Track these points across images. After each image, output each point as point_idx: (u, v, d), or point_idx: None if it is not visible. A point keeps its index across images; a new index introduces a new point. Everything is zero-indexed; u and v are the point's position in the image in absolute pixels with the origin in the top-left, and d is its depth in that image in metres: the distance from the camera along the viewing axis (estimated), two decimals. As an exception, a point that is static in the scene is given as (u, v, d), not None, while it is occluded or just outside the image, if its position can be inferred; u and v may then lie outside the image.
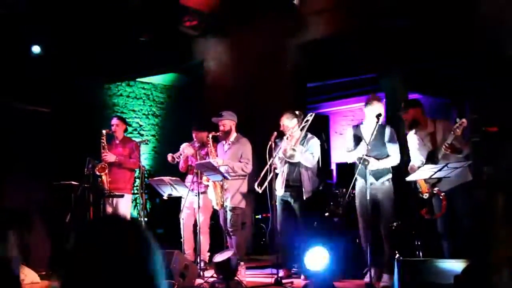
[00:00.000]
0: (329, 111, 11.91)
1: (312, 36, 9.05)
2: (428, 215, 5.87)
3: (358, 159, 5.98)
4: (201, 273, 6.63)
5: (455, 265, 4.47)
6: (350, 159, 6.37)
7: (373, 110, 6.11)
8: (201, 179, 7.16)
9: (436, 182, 5.80)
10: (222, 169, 6.70)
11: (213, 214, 7.57)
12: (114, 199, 7.47)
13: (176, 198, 7.48)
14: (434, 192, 5.81)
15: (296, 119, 6.88)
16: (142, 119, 10.92)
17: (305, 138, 6.87)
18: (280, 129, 6.84)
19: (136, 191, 8.11)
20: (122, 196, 7.42)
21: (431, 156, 5.86)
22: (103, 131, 7.55)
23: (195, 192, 7.04)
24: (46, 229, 7.82)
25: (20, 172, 8.68)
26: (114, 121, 7.75)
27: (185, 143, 7.66)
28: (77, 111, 9.44)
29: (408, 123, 6.03)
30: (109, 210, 7.48)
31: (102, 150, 7.50)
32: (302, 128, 6.85)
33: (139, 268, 1.46)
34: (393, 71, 9.22)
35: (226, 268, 6.03)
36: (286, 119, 6.86)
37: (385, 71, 9.50)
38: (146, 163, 7.42)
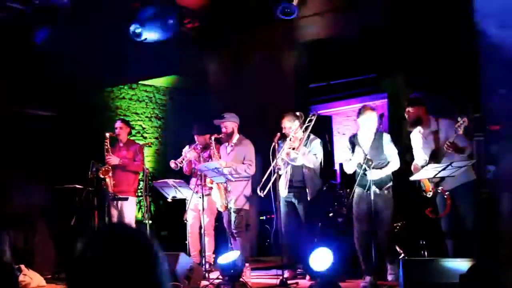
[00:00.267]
0: (332, 112, 11.88)
1: (314, 37, 9.05)
2: (433, 215, 5.87)
3: (359, 164, 5.98)
4: (206, 275, 6.64)
5: (460, 264, 4.48)
6: (350, 168, 6.34)
7: (366, 120, 6.13)
8: (205, 181, 7.16)
9: (440, 181, 5.79)
10: (226, 171, 6.70)
11: (218, 216, 7.58)
12: (119, 202, 7.48)
13: (180, 201, 7.49)
14: (438, 191, 5.81)
15: (297, 120, 6.87)
16: (145, 122, 10.93)
17: (308, 139, 6.86)
18: (283, 131, 6.83)
19: (140, 194, 8.12)
20: (127, 199, 7.44)
21: (434, 155, 5.85)
22: (107, 134, 7.57)
23: (199, 195, 7.05)
24: (51, 233, 7.85)
25: (24, 176, 8.70)
26: (118, 124, 7.77)
27: (187, 147, 7.67)
28: (80, 115, 9.46)
29: (411, 121, 6.02)
30: (114, 213, 7.50)
31: (106, 153, 7.52)
32: (306, 129, 6.85)
33: (145, 276, 1.47)
34: (395, 71, 9.21)
35: (231, 270, 6.04)
36: (288, 121, 6.84)
37: (387, 71, 9.49)
38: (150, 166, 7.42)
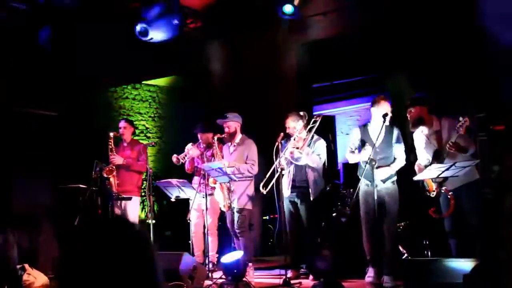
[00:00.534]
0: (335, 112, 11.88)
1: (317, 37, 9.05)
2: (436, 214, 5.86)
3: (365, 162, 5.97)
4: (210, 275, 6.65)
5: (464, 264, 4.48)
6: (352, 160, 6.35)
7: (380, 111, 6.09)
8: (208, 181, 7.16)
9: (444, 181, 5.78)
10: (229, 171, 6.70)
11: (221, 216, 7.58)
12: (123, 202, 7.50)
13: (184, 200, 7.50)
14: (442, 191, 5.80)
15: (301, 120, 6.87)
16: (148, 122, 10.95)
17: (312, 140, 6.86)
18: (287, 131, 6.84)
19: (144, 194, 8.13)
20: (130, 199, 7.45)
21: (437, 155, 5.84)
22: (111, 134, 7.58)
23: (203, 194, 7.05)
24: (55, 233, 7.86)
25: (28, 176, 8.72)
26: (122, 124, 7.78)
27: (190, 144, 7.66)
28: (84, 114, 9.48)
29: (413, 121, 6.01)
30: (118, 213, 7.51)
31: (110, 153, 7.53)
32: (310, 130, 6.85)
33: (139, 272, 1.47)
34: (398, 70, 9.21)
35: (235, 269, 6.05)
36: (292, 121, 6.84)
37: (390, 71, 9.49)
38: (153, 166, 7.43)
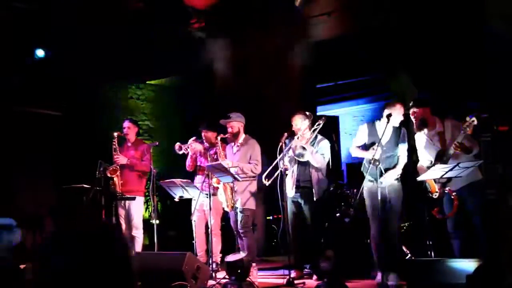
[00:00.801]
0: (339, 112, 11.89)
1: (322, 37, 9.06)
2: (440, 215, 5.86)
3: (369, 160, 5.98)
4: (213, 275, 6.66)
5: (467, 265, 4.47)
6: (356, 154, 6.39)
7: (394, 113, 6.12)
8: (211, 181, 7.15)
9: (447, 182, 5.79)
10: (232, 171, 6.70)
11: (224, 216, 7.58)
12: (126, 202, 7.50)
13: (188, 200, 7.50)
14: (446, 192, 5.80)
15: (307, 120, 6.89)
16: (152, 122, 10.97)
17: (315, 140, 6.87)
18: (292, 129, 6.84)
19: (148, 194, 8.14)
20: (134, 199, 7.45)
21: (440, 156, 5.84)
22: (115, 134, 7.57)
23: (206, 193, 7.05)
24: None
25: (32, 176, 8.75)
26: (126, 124, 7.77)
27: (194, 138, 7.65)
28: (88, 114, 9.50)
29: (418, 123, 6.01)
30: (121, 213, 7.52)
31: (114, 153, 7.53)
32: (314, 131, 6.87)
33: (115, 274, 1.48)
34: (402, 71, 9.21)
35: (238, 269, 6.05)
36: (298, 119, 6.86)
37: (394, 71, 9.48)
38: (156, 166, 7.43)
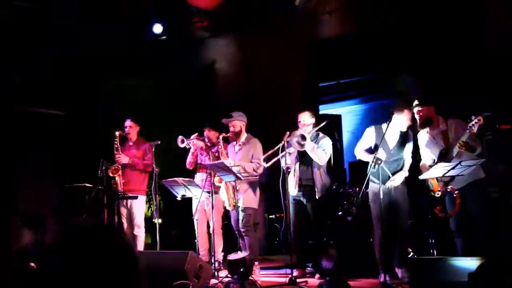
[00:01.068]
0: (341, 111, 11.87)
1: (324, 36, 9.05)
2: (442, 214, 5.85)
3: (373, 159, 5.96)
4: (216, 274, 6.66)
5: (469, 263, 4.46)
6: (361, 157, 6.36)
7: (402, 118, 6.13)
8: (213, 180, 7.15)
9: (450, 180, 5.78)
10: (234, 170, 6.70)
11: (226, 215, 7.58)
12: (128, 201, 7.50)
13: (190, 199, 7.50)
14: (448, 190, 5.79)
15: (314, 119, 6.92)
16: (154, 120, 10.94)
17: (317, 138, 6.86)
18: (294, 127, 6.83)
19: (150, 192, 8.14)
20: (136, 198, 7.46)
21: (444, 154, 5.83)
22: (116, 133, 7.58)
23: (207, 190, 7.05)
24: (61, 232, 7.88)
25: (34, 175, 8.76)
26: (128, 123, 7.77)
27: (196, 134, 7.66)
28: (90, 113, 9.50)
29: (422, 121, 6.00)
30: (123, 212, 7.53)
31: (116, 152, 7.53)
32: (316, 128, 6.87)
33: (121, 276, 1.48)
34: (404, 70, 9.19)
35: (241, 268, 6.05)
36: (307, 115, 6.89)
37: (396, 70, 9.46)
38: (158, 164, 7.42)
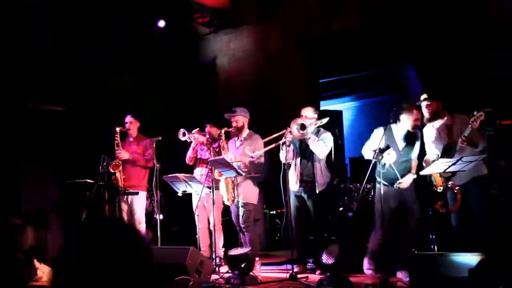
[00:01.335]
0: (342, 106, 11.87)
1: (325, 31, 9.03)
2: (443, 209, 5.85)
3: (373, 155, 5.94)
4: (217, 269, 6.66)
5: (470, 259, 4.46)
6: (369, 157, 6.29)
7: (408, 119, 6.12)
8: (213, 174, 7.14)
9: (451, 176, 5.77)
10: (235, 165, 6.70)
11: (226, 211, 7.57)
12: (129, 197, 7.51)
13: (191, 195, 7.50)
14: (449, 186, 5.78)
15: (316, 115, 6.91)
16: (155, 116, 10.93)
17: (318, 133, 6.85)
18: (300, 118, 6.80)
19: (151, 188, 8.14)
20: (137, 194, 7.46)
21: (447, 150, 5.82)
22: (117, 129, 7.57)
23: (208, 185, 7.05)
24: (62, 227, 7.89)
25: (35, 171, 8.76)
26: (128, 119, 7.76)
27: (198, 129, 7.66)
28: (90, 109, 9.49)
29: (430, 115, 5.97)
30: (124, 208, 7.53)
31: (116, 148, 7.53)
32: (317, 124, 6.86)
33: (135, 274, 1.48)
34: (406, 65, 9.17)
35: (242, 264, 6.06)
36: (310, 110, 6.88)
37: (398, 65, 9.45)
38: (159, 160, 7.42)
